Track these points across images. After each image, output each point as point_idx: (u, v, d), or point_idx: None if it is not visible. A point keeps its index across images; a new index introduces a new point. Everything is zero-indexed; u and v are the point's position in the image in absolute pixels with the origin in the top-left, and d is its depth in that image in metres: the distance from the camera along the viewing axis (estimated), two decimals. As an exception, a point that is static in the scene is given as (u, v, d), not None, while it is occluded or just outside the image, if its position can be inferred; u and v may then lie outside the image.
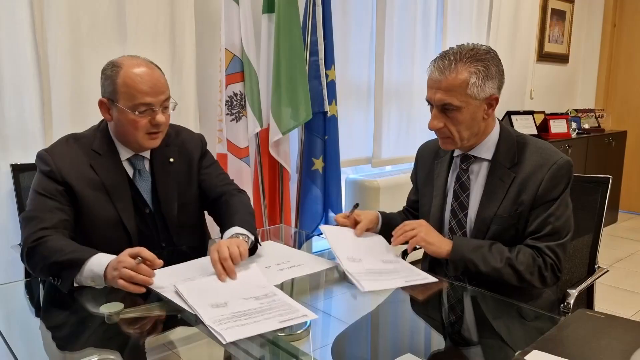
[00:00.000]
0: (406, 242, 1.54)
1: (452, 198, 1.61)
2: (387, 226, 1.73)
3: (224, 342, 1.06)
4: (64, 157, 1.55)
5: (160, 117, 1.54)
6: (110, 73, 1.53)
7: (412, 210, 1.87)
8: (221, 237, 1.59)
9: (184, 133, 1.79)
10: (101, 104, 1.57)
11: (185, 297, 1.25)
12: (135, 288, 1.30)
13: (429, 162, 1.72)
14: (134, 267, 1.30)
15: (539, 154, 1.50)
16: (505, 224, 1.50)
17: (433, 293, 1.42)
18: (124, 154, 1.62)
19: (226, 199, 1.72)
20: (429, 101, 1.52)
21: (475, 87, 1.43)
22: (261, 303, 1.24)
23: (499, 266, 1.43)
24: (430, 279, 1.41)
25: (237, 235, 1.50)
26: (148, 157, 1.67)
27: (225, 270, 1.37)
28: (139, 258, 1.32)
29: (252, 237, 1.54)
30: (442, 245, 1.49)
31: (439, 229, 1.63)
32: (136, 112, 1.51)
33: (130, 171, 1.64)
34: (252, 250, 1.56)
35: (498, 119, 1.59)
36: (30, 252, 1.41)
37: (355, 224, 1.68)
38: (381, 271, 1.48)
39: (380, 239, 1.67)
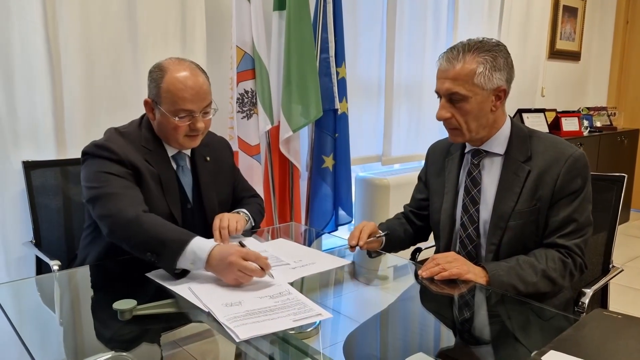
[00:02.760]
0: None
1: (463, 193, 1.60)
2: (389, 238, 1.73)
3: (237, 340, 1.06)
4: (126, 148, 1.58)
5: (200, 124, 1.60)
6: (156, 76, 1.57)
7: (416, 210, 1.84)
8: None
9: (208, 134, 1.81)
10: (146, 104, 1.63)
11: (199, 295, 1.25)
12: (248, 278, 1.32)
13: (440, 160, 1.72)
14: (247, 269, 1.30)
15: (553, 147, 1.50)
16: (524, 219, 1.49)
17: (446, 291, 1.41)
18: (170, 150, 1.68)
19: (244, 201, 1.89)
20: (437, 92, 1.52)
21: (483, 77, 1.44)
22: (275, 301, 1.23)
23: (535, 280, 1.42)
24: (324, 315, 1.17)
25: (238, 212, 1.75)
26: (189, 154, 1.73)
27: (220, 236, 1.61)
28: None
29: (252, 219, 1.78)
30: (477, 277, 1.41)
31: (451, 225, 1.63)
32: (177, 118, 1.56)
33: (175, 167, 1.69)
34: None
35: (509, 115, 1.58)
36: (127, 225, 1.41)
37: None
38: (264, 310, 1.21)
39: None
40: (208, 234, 1.69)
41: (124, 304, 1.21)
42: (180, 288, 1.33)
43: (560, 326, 1.22)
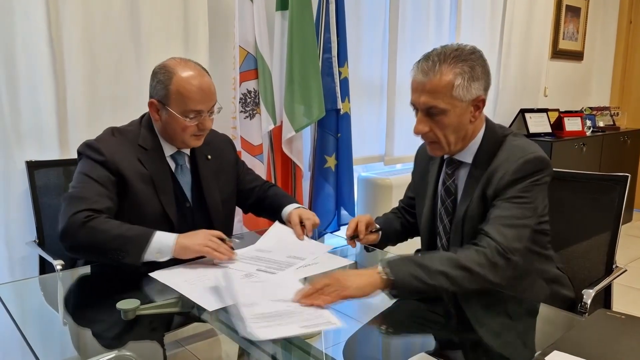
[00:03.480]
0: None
1: (439, 203, 1.57)
2: (385, 231, 1.73)
3: (257, 339, 1.06)
4: (116, 149, 1.58)
5: (208, 123, 1.63)
6: (163, 77, 1.57)
7: (407, 207, 1.84)
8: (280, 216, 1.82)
9: (210, 132, 1.81)
10: (151, 104, 1.62)
11: (223, 293, 1.25)
12: (219, 255, 1.45)
13: (425, 162, 1.69)
14: (217, 240, 1.47)
15: (513, 149, 1.43)
16: (475, 223, 1.42)
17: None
18: (168, 149, 1.68)
19: (269, 192, 1.92)
20: (413, 105, 1.47)
21: (461, 89, 1.38)
22: (288, 306, 1.22)
23: (443, 269, 1.24)
24: (335, 323, 1.13)
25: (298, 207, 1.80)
26: (188, 153, 1.73)
27: (303, 231, 1.70)
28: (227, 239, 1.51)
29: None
30: (364, 288, 1.22)
31: (431, 230, 1.61)
32: (186, 118, 1.57)
33: (172, 166, 1.69)
34: None
35: (487, 119, 1.53)
36: (81, 227, 1.41)
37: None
38: (278, 314, 1.19)
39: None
40: None
41: (127, 304, 1.21)
42: (183, 287, 1.33)
43: (564, 326, 1.22)
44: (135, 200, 1.57)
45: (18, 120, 2.02)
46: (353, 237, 1.64)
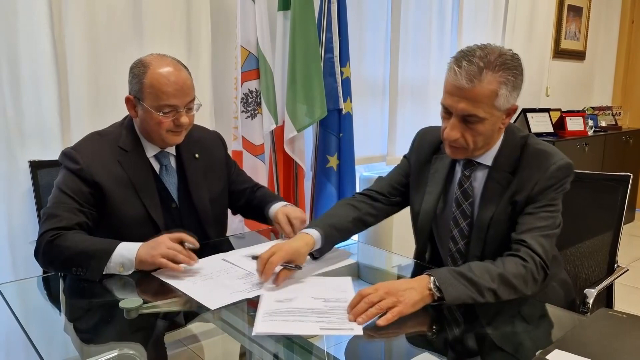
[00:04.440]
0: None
1: (452, 205, 1.51)
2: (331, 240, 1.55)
3: (252, 333, 1.10)
4: (93, 155, 1.56)
5: (184, 119, 1.57)
6: (138, 72, 1.55)
7: (388, 195, 1.65)
8: (265, 214, 1.78)
9: (200, 130, 1.82)
10: (127, 100, 1.60)
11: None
12: (176, 267, 1.38)
13: (427, 153, 1.59)
14: (176, 247, 1.40)
15: (539, 155, 1.41)
16: (501, 228, 1.41)
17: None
18: (150, 150, 1.65)
19: (257, 193, 1.89)
20: (446, 107, 1.36)
21: (503, 99, 1.30)
22: (324, 305, 1.23)
23: (494, 287, 1.23)
24: (355, 331, 1.12)
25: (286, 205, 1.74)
26: (174, 153, 1.70)
27: (292, 229, 1.62)
28: (187, 243, 1.44)
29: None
30: (417, 296, 1.18)
31: (427, 227, 1.56)
32: (160, 113, 1.54)
33: (156, 167, 1.66)
34: None
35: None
36: (48, 246, 1.43)
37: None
38: (305, 311, 1.21)
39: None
40: (200, 233, 1.69)
41: (129, 303, 1.21)
42: (185, 286, 1.33)
43: (565, 325, 1.22)
44: (115, 205, 1.55)
45: (21, 119, 2.02)
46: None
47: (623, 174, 1.71)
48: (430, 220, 1.56)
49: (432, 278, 1.21)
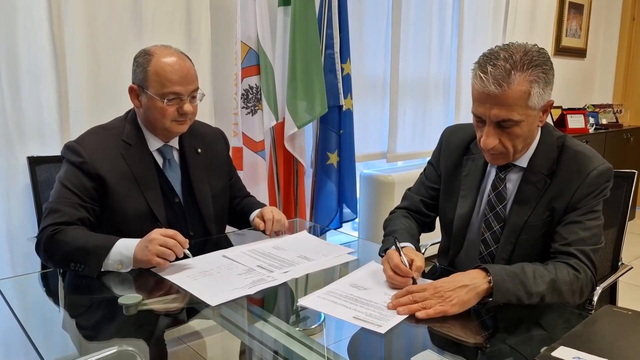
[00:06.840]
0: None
1: (486, 207, 1.47)
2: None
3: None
4: (97, 149, 1.56)
5: (187, 107, 1.58)
6: (142, 61, 1.56)
7: (428, 199, 1.63)
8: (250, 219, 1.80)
9: (203, 125, 1.82)
10: (131, 90, 1.60)
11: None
12: (162, 262, 1.38)
13: (457, 155, 1.54)
14: (168, 243, 1.38)
15: (579, 159, 1.36)
16: (536, 233, 1.39)
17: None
18: (154, 143, 1.65)
19: (243, 200, 1.92)
20: (479, 116, 1.32)
21: (537, 97, 1.26)
22: (362, 294, 1.28)
23: (542, 290, 1.22)
24: (384, 328, 1.11)
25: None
26: (177, 147, 1.70)
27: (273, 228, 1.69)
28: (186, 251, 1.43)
29: None
30: (468, 294, 1.18)
31: (464, 231, 1.52)
32: (165, 100, 1.54)
33: (160, 161, 1.66)
34: None
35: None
36: (48, 241, 1.42)
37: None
38: (352, 297, 1.26)
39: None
40: (201, 229, 1.71)
41: (129, 299, 1.21)
42: (183, 281, 1.32)
43: (571, 322, 1.21)
44: (117, 200, 1.55)
45: (20, 116, 2.02)
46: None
47: (628, 170, 1.69)
48: (467, 225, 1.51)
49: (489, 277, 1.20)
